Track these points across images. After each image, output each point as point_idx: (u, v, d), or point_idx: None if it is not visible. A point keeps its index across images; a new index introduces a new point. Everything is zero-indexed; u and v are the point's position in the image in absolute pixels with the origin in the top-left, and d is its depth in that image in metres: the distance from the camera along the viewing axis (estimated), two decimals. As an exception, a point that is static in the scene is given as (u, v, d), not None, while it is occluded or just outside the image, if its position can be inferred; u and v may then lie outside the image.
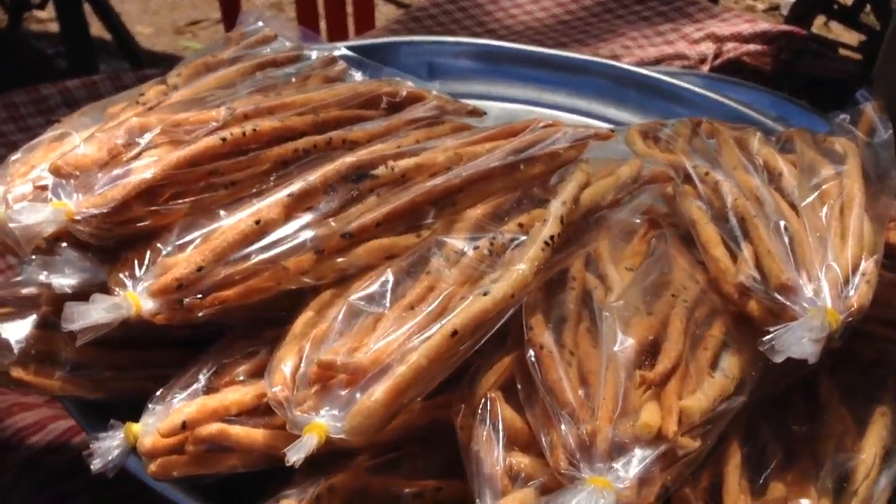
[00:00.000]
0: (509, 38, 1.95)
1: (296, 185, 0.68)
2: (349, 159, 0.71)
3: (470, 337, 0.62)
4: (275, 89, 0.80)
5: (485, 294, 0.63)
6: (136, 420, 0.64)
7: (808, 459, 0.68)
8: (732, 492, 0.63)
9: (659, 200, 0.86)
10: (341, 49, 0.93)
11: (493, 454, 0.59)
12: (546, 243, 0.68)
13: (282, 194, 0.67)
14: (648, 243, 0.81)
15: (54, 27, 2.92)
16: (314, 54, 0.91)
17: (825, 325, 0.61)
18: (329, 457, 0.62)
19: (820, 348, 0.60)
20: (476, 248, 0.69)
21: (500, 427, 0.60)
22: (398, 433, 0.64)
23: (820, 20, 2.79)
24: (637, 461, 0.55)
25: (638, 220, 0.82)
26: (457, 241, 0.69)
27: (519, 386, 0.64)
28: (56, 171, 0.61)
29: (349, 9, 2.30)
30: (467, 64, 1.21)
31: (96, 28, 2.65)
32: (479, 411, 0.62)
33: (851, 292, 0.64)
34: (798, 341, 0.60)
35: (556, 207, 0.72)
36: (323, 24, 2.27)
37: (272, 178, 0.72)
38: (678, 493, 0.61)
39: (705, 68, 1.87)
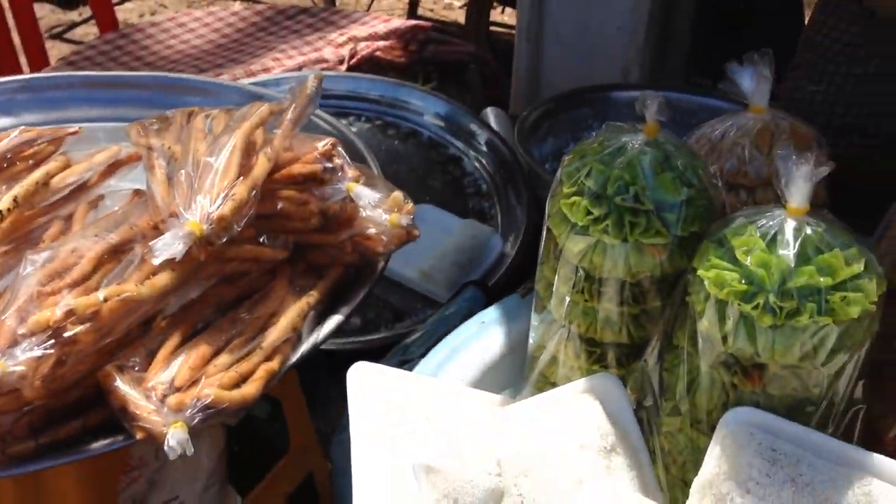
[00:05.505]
0: (167, 68, 2.13)
1: None
2: None
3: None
4: None
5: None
6: None
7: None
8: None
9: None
10: None
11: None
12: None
13: None
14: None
15: None
16: None
17: (191, 233, 0.84)
18: None
19: (184, 249, 0.83)
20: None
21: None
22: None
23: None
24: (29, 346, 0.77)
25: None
26: None
27: None
28: None
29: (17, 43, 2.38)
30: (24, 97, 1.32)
31: None
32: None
33: (215, 209, 0.87)
34: (172, 245, 0.83)
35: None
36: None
37: None
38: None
39: (343, 68, 2.11)
